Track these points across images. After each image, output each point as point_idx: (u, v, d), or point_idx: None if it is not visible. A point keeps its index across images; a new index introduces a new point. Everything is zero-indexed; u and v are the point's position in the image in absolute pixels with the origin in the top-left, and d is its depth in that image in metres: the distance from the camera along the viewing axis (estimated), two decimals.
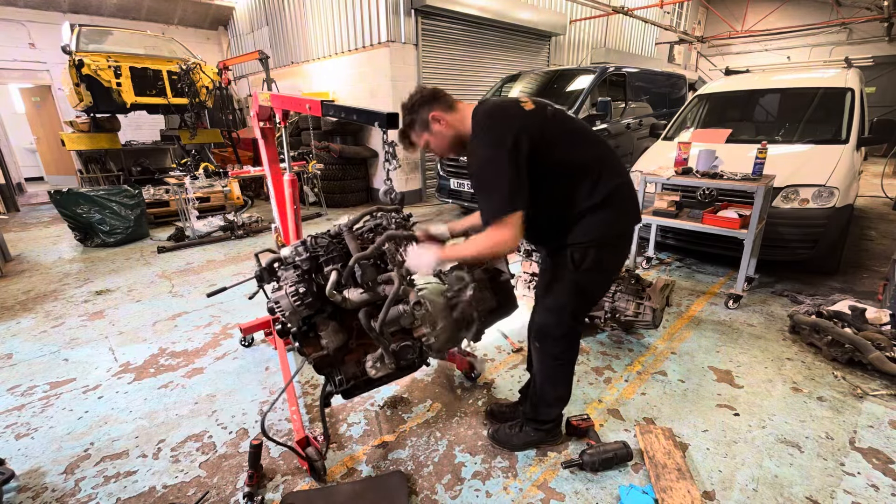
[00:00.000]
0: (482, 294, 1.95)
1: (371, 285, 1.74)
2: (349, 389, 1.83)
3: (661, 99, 7.17)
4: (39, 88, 9.35)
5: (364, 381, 1.85)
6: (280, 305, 1.71)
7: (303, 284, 1.73)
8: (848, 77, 4.26)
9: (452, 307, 1.83)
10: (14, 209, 7.48)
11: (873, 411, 2.20)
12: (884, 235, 5.14)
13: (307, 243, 1.85)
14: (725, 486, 1.77)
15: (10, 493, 1.81)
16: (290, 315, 1.72)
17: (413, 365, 1.94)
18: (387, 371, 1.80)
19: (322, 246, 1.84)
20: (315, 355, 1.77)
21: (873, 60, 13.42)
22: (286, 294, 1.71)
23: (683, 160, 3.64)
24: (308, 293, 1.72)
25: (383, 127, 1.79)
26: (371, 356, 1.79)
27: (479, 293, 1.92)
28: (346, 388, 1.81)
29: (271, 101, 2.47)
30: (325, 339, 1.78)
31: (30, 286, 4.04)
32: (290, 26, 8.70)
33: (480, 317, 1.92)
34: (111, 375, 2.63)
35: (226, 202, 6.76)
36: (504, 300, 2.04)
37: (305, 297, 1.71)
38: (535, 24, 8.32)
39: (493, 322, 2.07)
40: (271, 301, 1.74)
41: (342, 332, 1.82)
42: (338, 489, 1.76)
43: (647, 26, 12.61)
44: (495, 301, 1.99)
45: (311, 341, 1.80)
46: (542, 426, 1.94)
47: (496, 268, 2.06)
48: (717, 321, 3.14)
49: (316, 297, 1.74)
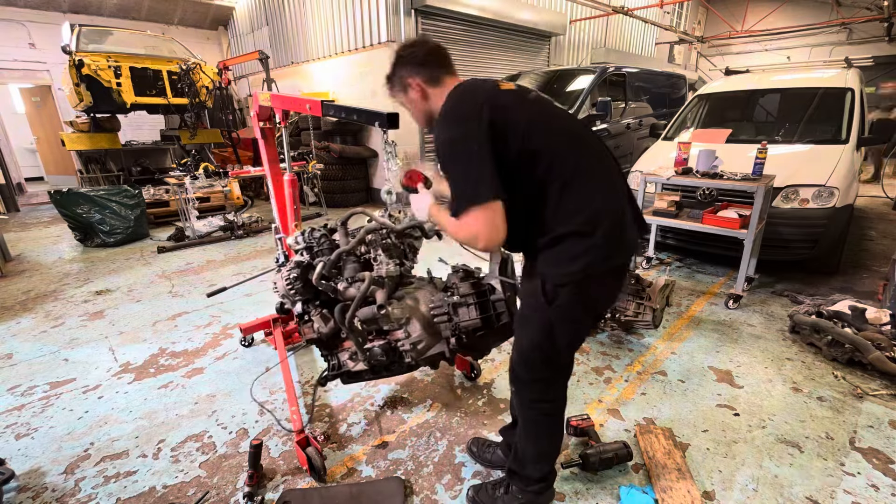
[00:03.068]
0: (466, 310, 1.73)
1: (350, 281, 1.86)
2: (341, 376, 1.94)
3: (661, 99, 7.17)
4: (39, 88, 9.34)
5: (350, 371, 1.93)
6: (277, 287, 1.98)
7: (296, 270, 1.97)
8: (848, 77, 4.26)
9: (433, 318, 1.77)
10: (14, 209, 7.48)
11: (873, 411, 2.19)
12: (884, 235, 5.14)
13: (305, 234, 2.09)
14: (725, 486, 1.77)
15: (10, 493, 1.81)
16: (283, 296, 2.01)
17: (391, 367, 1.91)
18: (361, 367, 1.89)
19: (315, 239, 2.07)
20: (308, 336, 1.98)
21: (873, 60, 13.41)
22: (282, 277, 1.98)
23: (683, 160, 3.64)
24: (299, 279, 1.96)
25: (383, 127, 1.79)
26: (350, 349, 1.93)
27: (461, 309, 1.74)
28: (336, 373, 1.93)
29: (271, 101, 2.47)
30: (315, 324, 1.99)
31: (30, 286, 4.04)
32: (290, 26, 8.70)
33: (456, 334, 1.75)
34: (111, 375, 2.63)
35: (226, 202, 6.76)
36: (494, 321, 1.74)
37: (295, 282, 1.96)
38: (535, 24, 8.32)
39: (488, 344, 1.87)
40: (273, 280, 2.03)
41: (331, 321, 1.96)
42: (335, 490, 1.76)
43: (647, 26, 12.61)
44: (481, 321, 1.71)
45: (307, 324, 2.03)
46: (530, 486, 1.58)
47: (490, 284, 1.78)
48: (717, 321, 3.14)
49: (309, 284, 1.97)
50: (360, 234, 1.87)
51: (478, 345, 1.82)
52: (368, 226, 1.89)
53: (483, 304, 1.72)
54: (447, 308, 1.75)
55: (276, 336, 2.71)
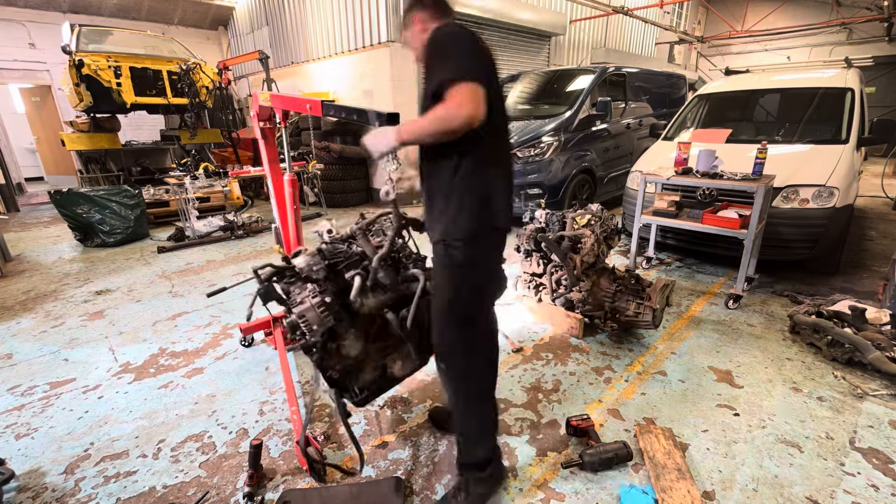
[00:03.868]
0: None
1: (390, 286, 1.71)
2: (363, 399, 1.77)
3: (661, 99, 7.17)
4: (39, 88, 9.35)
5: (377, 386, 1.82)
6: (306, 319, 1.62)
7: (328, 294, 1.65)
8: (848, 77, 4.26)
9: None
10: (14, 209, 7.48)
11: (873, 411, 2.20)
12: (884, 235, 5.14)
13: (323, 252, 1.77)
14: (725, 486, 1.77)
15: (10, 493, 1.81)
16: (317, 328, 1.63)
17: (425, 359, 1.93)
18: (412, 367, 1.79)
19: (340, 252, 1.77)
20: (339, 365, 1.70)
21: (873, 60, 13.42)
22: (312, 306, 1.62)
23: (683, 160, 3.64)
24: (333, 303, 1.64)
25: (384, 127, 1.79)
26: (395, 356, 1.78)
27: None
28: (362, 398, 1.75)
29: (271, 101, 2.47)
30: (347, 348, 1.71)
31: (30, 286, 4.04)
32: (290, 26, 8.70)
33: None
34: (111, 375, 2.63)
35: (226, 202, 6.76)
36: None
37: (332, 306, 1.63)
38: (535, 25, 8.32)
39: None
40: (294, 316, 1.64)
41: (361, 338, 1.75)
42: (335, 490, 1.76)
43: (647, 26, 12.61)
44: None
45: (331, 353, 1.71)
46: (482, 471, 1.64)
47: None
48: (717, 321, 3.14)
49: (340, 306, 1.67)
50: (391, 237, 1.74)
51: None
52: (398, 225, 1.76)
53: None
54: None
55: (276, 336, 2.71)
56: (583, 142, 5.43)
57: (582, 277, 2.92)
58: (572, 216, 3.16)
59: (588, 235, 2.97)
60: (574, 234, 3.00)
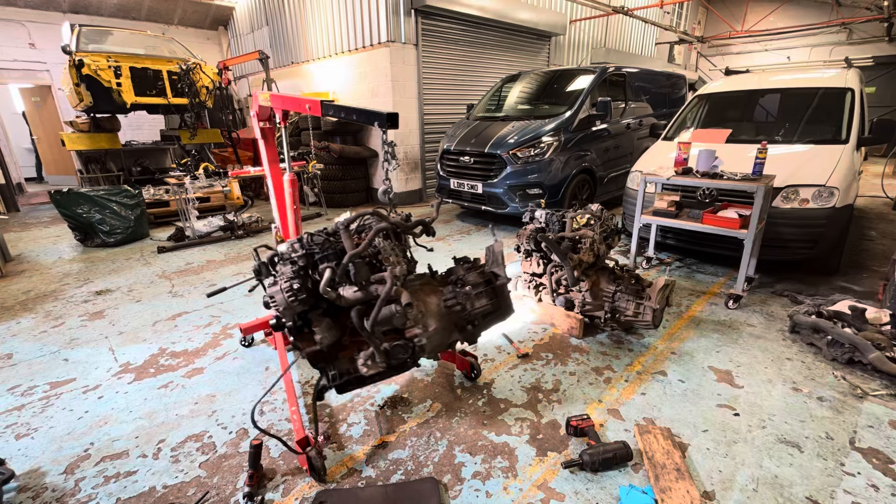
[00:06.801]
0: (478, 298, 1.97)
1: (364, 284, 1.76)
2: (342, 384, 1.86)
3: (661, 99, 7.17)
4: (39, 88, 9.35)
5: (356, 377, 1.88)
6: (275, 300, 1.75)
7: (297, 280, 1.76)
8: (848, 77, 4.26)
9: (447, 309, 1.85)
10: (14, 209, 7.48)
11: (873, 411, 2.20)
12: (884, 235, 5.14)
13: (303, 240, 1.88)
14: (725, 486, 1.77)
15: (10, 493, 1.81)
16: (284, 310, 1.75)
17: (405, 364, 1.94)
18: (378, 369, 1.83)
19: (318, 244, 1.87)
20: (308, 350, 1.81)
21: (873, 60, 13.42)
22: (281, 289, 1.74)
23: (683, 160, 3.64)
24: (302, 289, 1.75)
25: (383, 127, 1.79)
26: (363, 354, 1.82)
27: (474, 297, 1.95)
28: (338, 384, 1.84)
29: (271, 101, 2.47)
30: (318, 335, 1.82)
31: (30, 286, 4.04)
32: (290, 26, 8.70)
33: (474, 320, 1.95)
34: (111, 375, 2.63)
35: (226, 202, 6.77)
36: (499, 304, 2.06)
37: (299, 292, 1.74)
38: (535, 25, 8.32)
39: (489, 325, 2.09)
40: (266, 295, 1.78)
41: (335, 329, 1.85)
42: (370, 491, 1.76)
43: (647, 26, 12.61)
44: (491, 305, 2.01)
45: (305, 336, 1.84)
46: None
47: (493, 271, 2.06)
48: (717, 321, 3.14)
49: (310, 294, 1.78)
50: (370, 235, 1.80)
51: (483, 328, 2.03)
52: (378, 226, 1.84)
53: (490, 290, 2.00)
54: (460, 298, 1.90)
55: (276, 336, 2.71)
56: (583, 142, 5.43)
57: (582, 277, 2.92)
58: (572, 216, 3.16)
59: (588, 235, 2.97)
60: (574, 234, 3.00)
